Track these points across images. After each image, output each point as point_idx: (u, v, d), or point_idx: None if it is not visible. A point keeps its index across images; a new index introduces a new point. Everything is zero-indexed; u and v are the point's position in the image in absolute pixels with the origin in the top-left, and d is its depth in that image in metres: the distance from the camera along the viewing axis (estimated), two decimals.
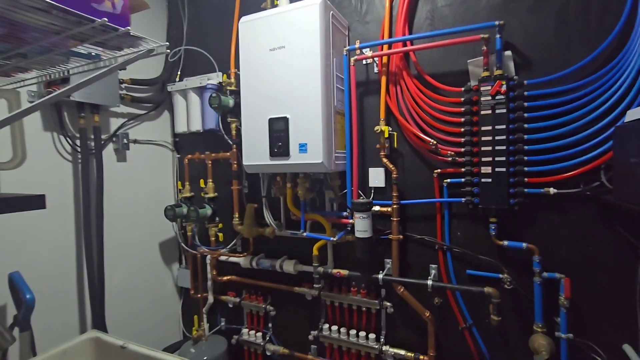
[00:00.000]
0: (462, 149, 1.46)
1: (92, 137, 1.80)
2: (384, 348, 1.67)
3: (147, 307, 2.16)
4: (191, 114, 2.11)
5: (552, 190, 1.32)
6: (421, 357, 1.59)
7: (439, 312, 1.62)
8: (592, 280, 1.34)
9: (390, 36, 1.64)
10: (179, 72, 2.22)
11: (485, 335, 1.53)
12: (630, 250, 1.27)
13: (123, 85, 1.96)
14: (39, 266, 1.63)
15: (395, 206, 1.60)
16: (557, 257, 1.38)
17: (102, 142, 1.86)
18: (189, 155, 2.18)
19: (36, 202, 0.76)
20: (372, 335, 1.71)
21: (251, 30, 1.61)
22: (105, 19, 0.74)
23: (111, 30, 0.79)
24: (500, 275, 1.43)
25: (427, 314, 1.58)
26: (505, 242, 1.42)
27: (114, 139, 1.97)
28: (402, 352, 1.63)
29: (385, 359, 1.68)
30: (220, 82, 2.04)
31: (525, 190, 1.36)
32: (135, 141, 2.07)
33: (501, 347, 1.51)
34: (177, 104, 2.18)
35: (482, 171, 1.40)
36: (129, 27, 0.79)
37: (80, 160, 1.76)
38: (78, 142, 1.76)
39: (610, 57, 1.26)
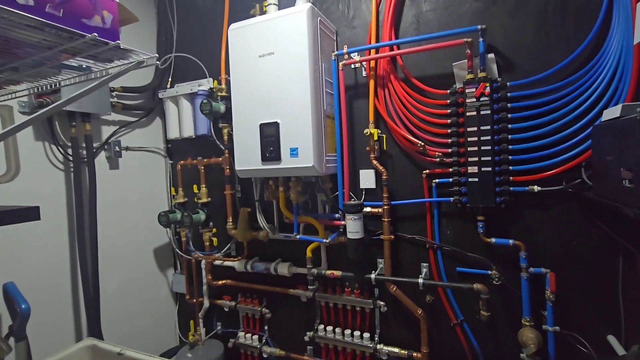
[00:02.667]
0: (449, 150, 1.50)
1: (84, 145, 1.81)
2: (379, 346, 1.70)
3: (142, 313, 2.16)
4: (183, 120, 2.12)
5: (536, 188, 1.37)
6: (414, 354, 1.63)
7: (431, 310, 1.65)
8: (577, 274, 1.38)
9: (377, 40, 1.67)
10: (169, 79, 2.24)
11: (476, 330, 1.57)
12: (611, 244, 1.31)
13: (114, 93, 1.97)
14: (33, 275, 1.63)
15: (386, 207, 1.63)
16: (542, 253, 1.42)
17: (94, 150, 1.87)
18: (182, 161, 2.19)
19: (31, 214, 0.77)
20: (366, 334, 1.74)
21: (241, 37, 1.63)
22: (96, 34, 0.76)
23: (101, 44, 0.80)
24: (489, 272, 1.47)
25: (420, 312, 1.61)
26: (493, 240, 1.46)
27: (106, 146, 1.97)
28: (396, 349, 1.66)
29: (379, 357, 1.71)
30: (211, 88, 2.05)
31: (511, 188, 1.41)
32: (127, 148, 2.08)
33: (491, 341, 1.55)
34: (168, 110, 2.19)
35: (469, 171, 1.44)
36: (118, 41, 0.81)
37: (72, 169, 1.77)
38: (70, 151, 1.76)
39: (588, 59, 1.31)
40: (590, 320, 1.37)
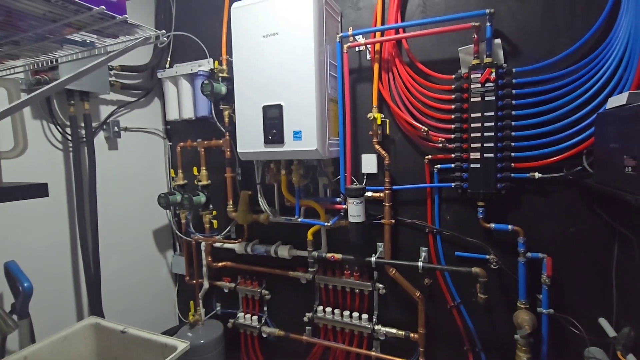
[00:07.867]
0: (452, 136, 1.51)
1: (83, 125, 1.78)
2: (376, 327, 1.74)
3: (142, 294, 2.18)
4: (182, 101, 2.09)
5: (537, 175, 1.38)
6: (412, 334, 1.67)
7: (428, 292, 1.69)
8: (573, 259, 1.42)
9: (382, 23, 1.65)
10: (168, 59, 2.19)
11: (472, 312, 1.61)
12: (607, 231, 1.35)
13: (112, 72, 1.93)
14: (34, 255, 1.62)
15: (387, 192, 1.64)
16: (540, 238, 1.45)
17: (93, 130, 1.84)
18: (181, 143, 2.17)
19: (39, 190, 0.77)
20: (364, 316, 1.77)
21: (244, 16, 1.60)
22: (103, 7, 0.74)
23: (108, 18, 0.78)
24: (487, 256, 1.50)
25: (418, 294, 1.65)
26: (492, 225, 1.48)
27: (104, 126, 1.94)
28: (394, 330, 1.71)
29: (377, 338, 1.75)
30: (211, 69, 2.01)
31: (512, 175, 1.42)
32: (126, 129, 2.05)
33: (487, 323, 1.59)
34: (167, 90, 2.16)
35: (471, 157, 1.45)
36: (126, 16, 0.79)
37: (71, 149, 1.74)
38: (68, 130, 1.74)
39: (594, 46, 1.31)
40: (583, 304, 1.41)
